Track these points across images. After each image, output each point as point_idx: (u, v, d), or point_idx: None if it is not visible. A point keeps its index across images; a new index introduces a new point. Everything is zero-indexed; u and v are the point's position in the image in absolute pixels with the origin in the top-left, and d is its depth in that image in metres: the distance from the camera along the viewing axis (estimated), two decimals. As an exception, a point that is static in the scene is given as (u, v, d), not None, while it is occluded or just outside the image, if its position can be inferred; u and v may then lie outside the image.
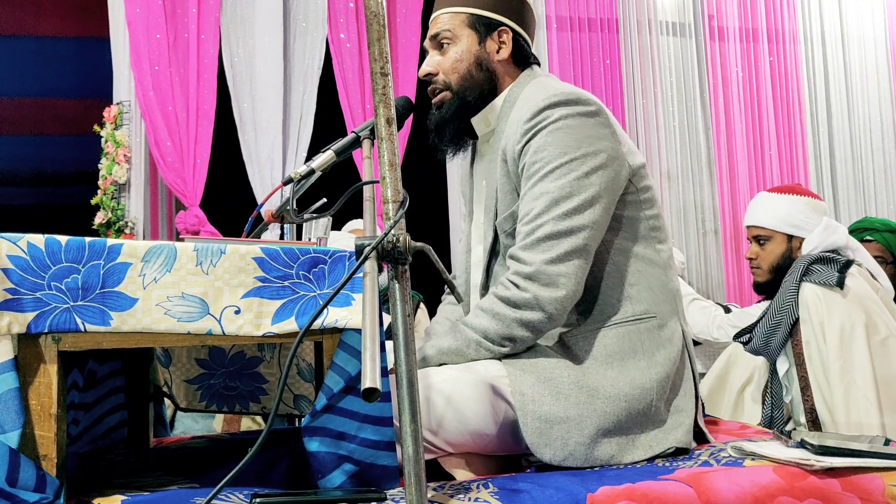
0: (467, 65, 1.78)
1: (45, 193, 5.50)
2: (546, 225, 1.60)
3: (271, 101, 4.36)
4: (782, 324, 2.38)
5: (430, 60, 1.81)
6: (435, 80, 1.80)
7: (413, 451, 1.12)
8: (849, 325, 2.28)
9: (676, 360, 1.67)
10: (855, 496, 1.40)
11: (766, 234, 2.74)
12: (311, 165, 1.66)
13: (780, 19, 5.14)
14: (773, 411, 2.46)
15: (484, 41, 1.78)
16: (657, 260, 1.72)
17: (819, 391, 2.29)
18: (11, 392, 1.26)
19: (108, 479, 1.55)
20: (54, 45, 5.29)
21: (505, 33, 1.79)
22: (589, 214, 1.61)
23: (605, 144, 1.65)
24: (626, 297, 1.68)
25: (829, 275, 2.34)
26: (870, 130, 5.19)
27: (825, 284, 2.32)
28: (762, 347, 2.44)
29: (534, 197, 1.63)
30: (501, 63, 1.80)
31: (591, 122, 1.66)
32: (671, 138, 4.89)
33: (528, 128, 1.66)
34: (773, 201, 2.74)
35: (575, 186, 1.61)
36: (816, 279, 2.35)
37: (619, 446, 1.56)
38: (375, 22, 1.23)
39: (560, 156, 1.62)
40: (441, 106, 1.80)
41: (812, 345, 2.31)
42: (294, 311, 1.37)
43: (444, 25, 1.79)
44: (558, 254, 1.59)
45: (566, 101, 1.66)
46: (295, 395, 2.03)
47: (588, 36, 4.85)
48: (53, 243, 1.30)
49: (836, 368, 2.26)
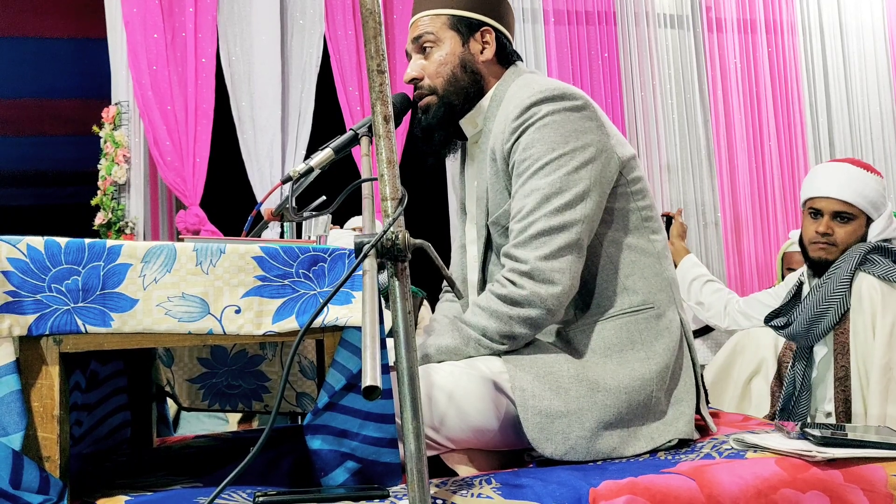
0: (451, 68, 1.76)
1: (45, 194, 5.50)
2: (538, 221, 1.60)
3: (269, 99, 4.36)
4: (830, 312, 2.29)
5: (415, 64, 1.79)
6: (420, 85, 1.79)
7: (415, 448, 1.12)
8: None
9: (675, 349, 1.67)
10: (857, 487, 1.40)
11: (852, 213, 2.44)
12: (309, 163, 1.66)
13: (779, 10, 5.14)
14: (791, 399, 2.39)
15: (467, 42, 1.77)
16: (651, 250, 1.73)
17: (858, 382, 2.24)
18: (13, 394, 1.26)
19: (111, 480, 1.55)
20: (53, 45, 5.29)
21: (488, 33, 1.78)
22: (580, 209, 1.61)
23: (592, 138, 1.65)
24: (622, 288, 1.68)
25: (888, 268, 2.25)
26: (869, 120, 5.19)
27: (884, 278, 2.24)
28: (803, 333, 2.34)
29: (525, 194, 1.63)
30: (486, 63, 1.79)
31: (578, 116, 1.66)
32: (670, 131, 4.88)
33: (516, 126, 1.66)
34: (859, 177, 2.45)
35: (565, 182, 1.61)
36: (875, 271, 2.26)
37: (621, 439, 1.57)
38: (371, 19, 1.23)
39: (549, 152, 1.62)
40: (427, 110, 1.79)
41: (859, 336, 2.23)
42: (294, 310, 1.37)
43: (425, 28, 1.77)
44: (552, 250, 1.59)
45: (552, 96, 1.66)
46: (298, 393, 2.03)
47: (585, 29, 4.85)
48: (53, 245, 1.30)
49: (881, 364, 2.20)
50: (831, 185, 2.46)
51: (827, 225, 2.44)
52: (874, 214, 2.44)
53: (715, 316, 3.16)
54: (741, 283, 4.83)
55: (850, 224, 2.43)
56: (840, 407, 2.27)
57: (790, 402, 2.41)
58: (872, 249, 2.33)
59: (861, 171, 2.47)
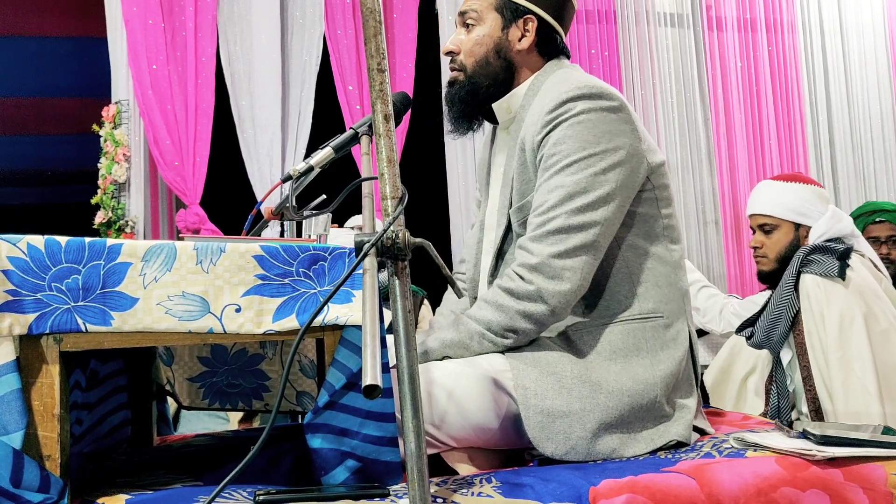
0: (485, 50, 1.76)
1: (45, 193, 5.50)
2: (558, 218, 1.60)
3: (269, 98, 4.36)
4: (783, 316, 2.37)
5: (455, 38, 1.80)
6: (454, 59, 1.80)
7: (416, 447, 1.12)
8: (849, 316, 2.27)
9: (681, 359, 1.66)
10: (857, 486, 1.41)
11: (772, 223, 2.68)
12: (309, 162, 1.66)
13: (779, 9, 5.13)
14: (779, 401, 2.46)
15: (507, 27, 1.76)
16: (668, 259, 1.71)
17: (821, 380, 2.29)
18: (14, 393, 1.26)
19: (111, 479, 1.55)
20: (53, 44, 5.29)
21: (530, 21, 1.76)
22: (602, 211, 1.60)
23: (624, 141, 1.64)
24: (634, 294, 1.67)
25: (829, 265, 2.33)
26: (869, 119, 5.19)
27: (825, 275, 2.31)
28: (764, 341, 2.43)
29: (549, 189, 1.62)
30: (521, 53, 1.78)
31: (613, 117, 1.64)
32: (670, 129, 4.88)
33: (549, 119, 1.65)
34: (779, 189, 2.68)
35: (591, 182, 1.60)
36: (816, 270, 2.34)
37: (621, 440, 1.57)
38: (372, 18, 1.23)
39: (579, 150, 1.61)
40: (453, 84, 1.81)
41: (813, 335, 2.31)
42: (295, 309, 1.37)
43: (472, 4, 1.78)
44: (566, 248, 1.58)
45: (589, 94, 1.64)
46: (298, 392, 2.03)
47: (586, 28, 4.85)
48: (53, 244, 1.30)
49: (835, 358, 2.26)
50: (754, 203, 2.76)
51: (757, 239, 2.72)
52: (801, 220, 2.62)
53: (711, 321, 3.24)
54: (741, 283, 4.83)
55: (774, 233, 2.67)
56: (811, 406, 2.30)
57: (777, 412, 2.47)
58: (812, 250, 2.41)
59: (781, 183, 2.69)
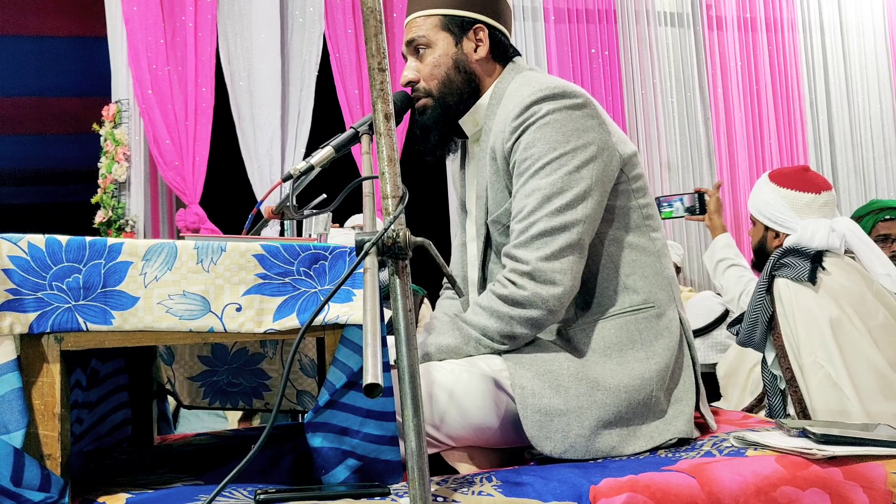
0: (445, 69, 1.76)
1: (46, 192, 5.50)
2: (540, 222, 1.60)
3: (269, 97, 4.36)
4: (759, 319, 2.36)
5: (410, 66, 1.79)
6: (416, 88, 1.79)
7: (416, 446, 1.12)
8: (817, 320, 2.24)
9: (675, 348, 1.67)
10: (857, 485, 1.41)
11: (753, 218, 2.69)
12: (310, 162, 1.66)
13: (779, 8, 5.13)
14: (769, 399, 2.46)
15: (460, 42, 1.76)
16: (651, 248, 1.72)
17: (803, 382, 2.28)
18: (15, 392, 1.26)
19: (112, 478, 1.55)
20: (53, 44, 5.29)
21: (481, 31, 1.77)
22: (582, 209, 1.61)
23: (593, 136, 1.65)
24: (622, 287, 1.68)
25: (800, 269, 2.31)
26: (869, 118, 5.19)
27: (796, 279, 2.30)
28: (747, 341, 2.42)
29: (526, 194, 1.63)
30: (480, 62, 1.78)
31: (579, 114, 1.65)
32: (670, 128, 4.88)
33: (517, 125, 1.65)
34: (760, 186, 2.65)
35: (566, 181, 1.61)
36: (788, 273, 2.32)
37: (620, 438, 1.57)
38: (372, 17, 1.23)
39: (550, 151, 1.62)
40: (424, 112, 1.79)
41: (789, 336, 2.29)
42: (295, 308, 1.37)
43: (418, 31, 1.77)
44: (553, 250, 1.59)
45: (552, 94, 1.65)
46: (298, 391, 2.03)
47: (586, 27, 4.85)
48: (54, 243, 1.30)
49: (808, 362, 2.24)
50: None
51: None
52: (770, 224, 2.56)
53: (730, 302, 3.18)
54: (741, 281, 4.83)
55: (753, 228, 2.69)
56: (797, 407, 2.30)
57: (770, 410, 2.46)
58: (785, 253, 2.38)
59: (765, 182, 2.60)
